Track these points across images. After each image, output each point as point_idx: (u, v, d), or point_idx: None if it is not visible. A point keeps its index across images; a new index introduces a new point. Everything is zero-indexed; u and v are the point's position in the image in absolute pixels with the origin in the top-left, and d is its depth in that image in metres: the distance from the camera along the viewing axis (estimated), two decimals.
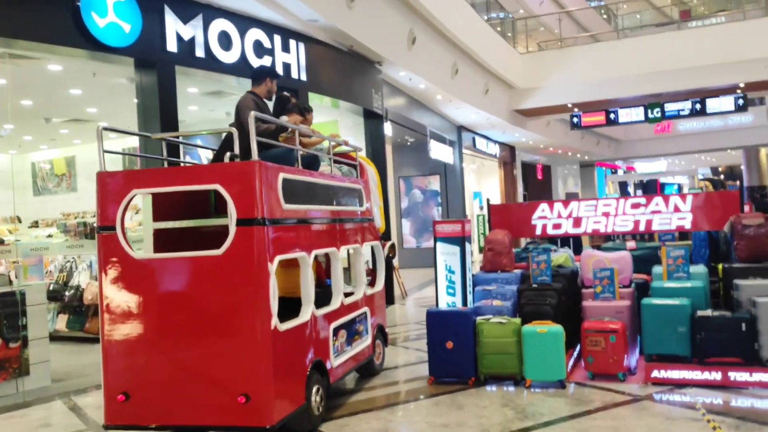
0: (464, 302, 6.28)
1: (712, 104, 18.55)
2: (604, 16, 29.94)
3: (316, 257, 5.18)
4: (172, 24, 7.27)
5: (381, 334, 6.50)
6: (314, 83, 9.62)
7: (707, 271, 6.12)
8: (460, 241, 6.31)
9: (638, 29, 24.74)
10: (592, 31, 25.90)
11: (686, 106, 18.81)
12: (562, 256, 6.98)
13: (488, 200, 7.54)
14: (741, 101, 18.23)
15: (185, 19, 7.42)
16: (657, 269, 6.22)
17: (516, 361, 5.84)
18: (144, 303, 4.45)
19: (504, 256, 6.76)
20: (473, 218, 21.89)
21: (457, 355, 5.93)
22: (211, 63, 7.80)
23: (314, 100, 10.14)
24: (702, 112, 18.81)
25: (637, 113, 19.39)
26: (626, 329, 5.81)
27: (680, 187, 43.46)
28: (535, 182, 30.63)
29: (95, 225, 4.62)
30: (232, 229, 4.25)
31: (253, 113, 4.48)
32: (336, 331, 5.32)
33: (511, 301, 6.32)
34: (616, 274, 6.16)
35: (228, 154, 4.57)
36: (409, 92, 14.53)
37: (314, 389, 4.84)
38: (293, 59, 9.06)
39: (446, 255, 6.35)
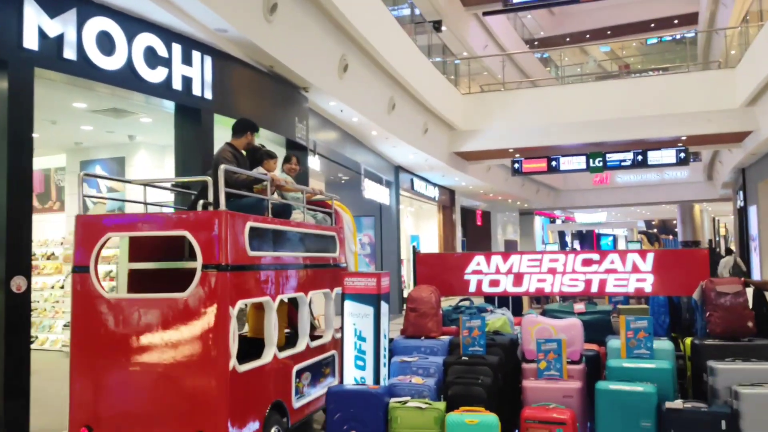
0: (376, 379, 4.96)
1: (654, 156, 18.16)
2: (547, 69, 29.94)
3: (289, 301, 5.68)
4: (33, 16, 5.86)
5: None
6: (222, 104, 8.30)
7: (673, 348, 5.01)
8: (374, 299, 5.02)
9: (578, 80, 24.59)
10: (535, 78, 25.61)
11: (628, 156, 18.36)
12: (499, 319, 5.79)
13: (414, 247, 6.26)
14: (682, 154, 17.88)
15: (53, 13, 6.03)
16: (613, 342, 5.08)
17: None
18: (112, 340, 4.69)
19: (429, 318, 5.51)
20: (409, 264, 20.71)
21: None
22: (85, 68, 6.39)
23: (222, 123, 8.80)
24: (643, 164, 18.39)
25: (579, 162, 18.83)
26: (576, 420, 4.60)
27: (615, 239, 43.69)
28: (474, 228, 29.82)
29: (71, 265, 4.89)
30: (198, 274, 4.51)
31: (222, 166, 4.81)
32: (300, 373, 5.45)
33: (435, 377, 5.05)
34: (564, 347, 4.99)
35: (201, 202, 4.90)
36: (342, 125, 13.36)
37: (273, 429, 4.99)
38: (196, 73, 7.74)
39: (356, 317, 5.04)
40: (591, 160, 18.60)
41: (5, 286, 5.65)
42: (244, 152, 6.10)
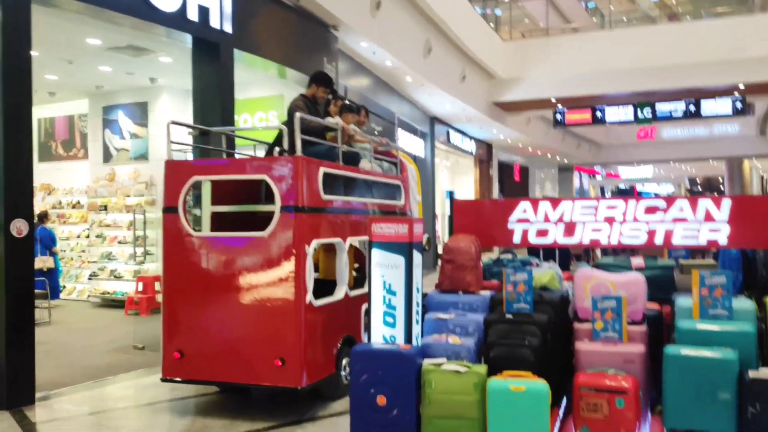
0: (408, 337, 4.38)
1: (708, 106, 16.97)
2: (594, 19, 28.33)
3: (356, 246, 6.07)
4: None
5: None
6: (243, 39, 7.66)
7: (755, 308, 4.29)
8: (406, 248, 4.39)
9: (626, 25, 23.18)
10: (579, 25, 24.22)
11: (679, 107, 17.19)
12: (546, 273, 5.11)
13: (451, 194, 5.63)
14: (739, 104, 16.67)
15: None
16: (683, 301, 4.38)
17: (478, 430, 3.97)
18: (199, 274, 5.10)
19: (468, 270, 4.87)
20: (444, 220, 20.05)
21: (392, 417, 4.04)
22: None
23: (245, 63, 8.16)
24: (696, 115, 17.22)
25: (626, 112, 17.74)
26: (638, 388, 3.96)
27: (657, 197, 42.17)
28: (512, 184, 28.86)
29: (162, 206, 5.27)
30: (277, 214, 4.88)
31: (298, 114, 5.12)
32: (368, 311, 5.15)
33: (475, 337, 4.44)
34: (625, 305, 4.32)
35: (277, 149, 5.38)
36: (374, 70, 12.60)
37: (344, 361, 5.39)
38: (213, 3, 7.08)
39: (384, 268, 4.43)
40: (639, 111, 17.50)
41: (5, 230, 5.19)
42: (318, 101, 6.33)
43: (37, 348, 5.53)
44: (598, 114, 17.98)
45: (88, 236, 12.07)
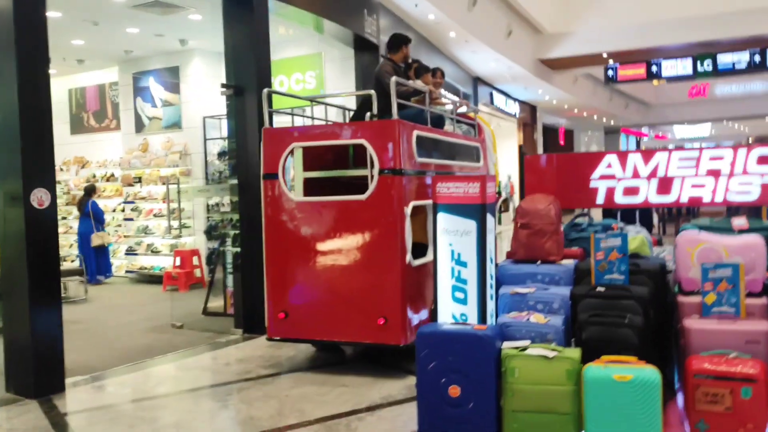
0: (482, 316, 3.73)
1: None
2: None
3: None
4: None
5: None
6: None
7: None
8: (478, 211, 3.72)
9: None
10: None
11: (743, 57, 15.92)
12: (635, 238, 4.40)
13: (521, 148, 4.94)
14: None
15: None
16: None
17: (572, 427, 3.32)
18: (300, 237, 5.19)
19: (548, 236, 4.18)
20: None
21: (468, 411, 3.42)
22: None
23: (280, 15, 7.49)
24: (762, 66, 15.94)
25: (684, 65, 16.54)
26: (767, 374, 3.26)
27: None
28: (556, 148, 27.75)
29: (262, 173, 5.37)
30: (375, 178, 4.93)
31: (394, 78, 5.12)
32: None
33: (561, 315, 3.77)
34: (743, 274, 3.59)
35: (368, 114, 5.35)
36: (416, 26, 11.78)
37: None
38: None
39: (453, 235, 3.77)
40: (698, 64, 16.29)
41: (25, 201, 4.67)
42: (401, 65, 6.25)
43: (69, 328, 5.03)
44: (654, 69, 16.82)
45: (123, 209, 11.68)
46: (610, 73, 17.24)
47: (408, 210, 4.91)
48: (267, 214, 5.32)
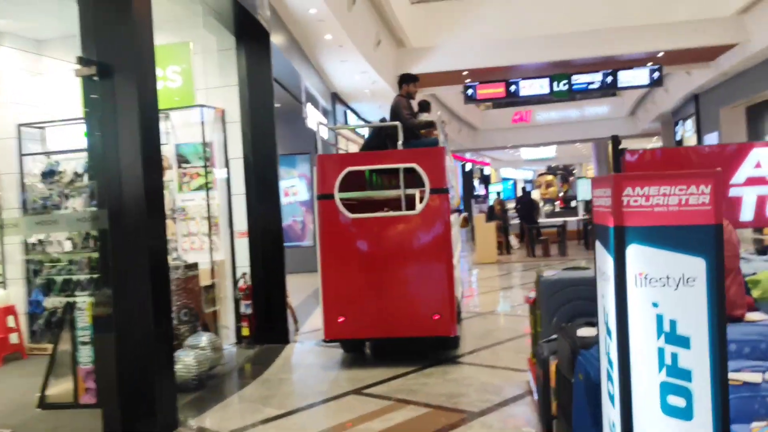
0: None
1: (625, 77, 16.11)
2: None
3: None
4: None
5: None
6: None
7: None
8: (710, 237, 2.01)
9: None
10: None
11: (596, 78, 16.14)
12: None
13: (615, 138, 3.14)
14: (656, 74, 15.91)
15: None
16: None
17: None
18: (356, 249, 6.09)
19: (730, 278, 2.57)
20: None
21: None
22: None
23: None
24: (613, 86, 16.33)
25: (541, 85, 16.40)
26: None
27: (515, 182, 42.35)
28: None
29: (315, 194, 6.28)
30: (427, 195, 5.97)
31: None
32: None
33: None
34: None
35: (399, 143, 6.27)
36: (290, 23, 9.88)
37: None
38: None
39: (657, 288, 2.00)
40: (555, 83, 16.23)
41: None
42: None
43: None
44: (512, 88, 16.46)
45: None
46: (470, 91, 16.60)
47: (454, 220, 5.61)
48: (322, 231, 6.10)
